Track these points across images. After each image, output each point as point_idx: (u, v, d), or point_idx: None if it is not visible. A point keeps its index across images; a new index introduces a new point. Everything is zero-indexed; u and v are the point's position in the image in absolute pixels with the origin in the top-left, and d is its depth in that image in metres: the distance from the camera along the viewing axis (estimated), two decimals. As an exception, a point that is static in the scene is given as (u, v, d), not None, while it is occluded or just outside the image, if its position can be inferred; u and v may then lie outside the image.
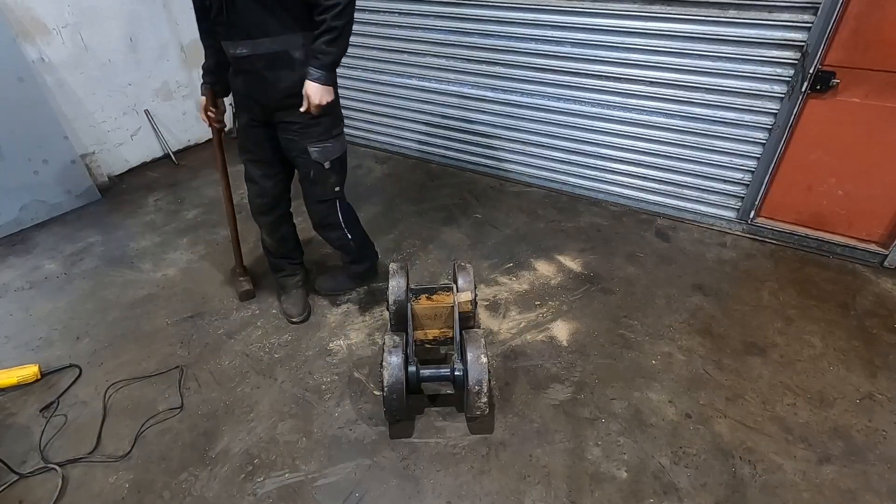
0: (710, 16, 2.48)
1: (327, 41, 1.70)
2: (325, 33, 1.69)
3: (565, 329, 2.31)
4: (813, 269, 2.67)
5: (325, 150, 1.96)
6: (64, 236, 3.00)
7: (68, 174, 3.19)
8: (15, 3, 2.90)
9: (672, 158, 2.95)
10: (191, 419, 1.94)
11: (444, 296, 2.04)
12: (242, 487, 1.71)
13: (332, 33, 1.69)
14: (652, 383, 2.05)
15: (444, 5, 3.16)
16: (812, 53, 2.34)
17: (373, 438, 1.86)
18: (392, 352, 1.76)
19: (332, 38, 1.70)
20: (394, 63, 3.55)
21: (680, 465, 1.75)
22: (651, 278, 2.61)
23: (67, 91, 3.24)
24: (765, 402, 1.97)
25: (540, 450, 1.81)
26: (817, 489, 1.68)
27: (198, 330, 2.34)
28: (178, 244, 2.93)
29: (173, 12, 3.67)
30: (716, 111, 2.70)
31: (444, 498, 1.67)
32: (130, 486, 1.71)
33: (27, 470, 1.75)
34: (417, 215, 3.18)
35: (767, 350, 2.19)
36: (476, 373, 1.70)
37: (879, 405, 1.95)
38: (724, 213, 2.98)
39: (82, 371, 2.13)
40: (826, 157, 2.59)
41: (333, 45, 1.72)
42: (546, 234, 2.98)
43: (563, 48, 2.92)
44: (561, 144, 3.26)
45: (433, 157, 3.84)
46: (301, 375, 2.11)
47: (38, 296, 2.55)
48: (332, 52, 1.73)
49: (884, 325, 2.30)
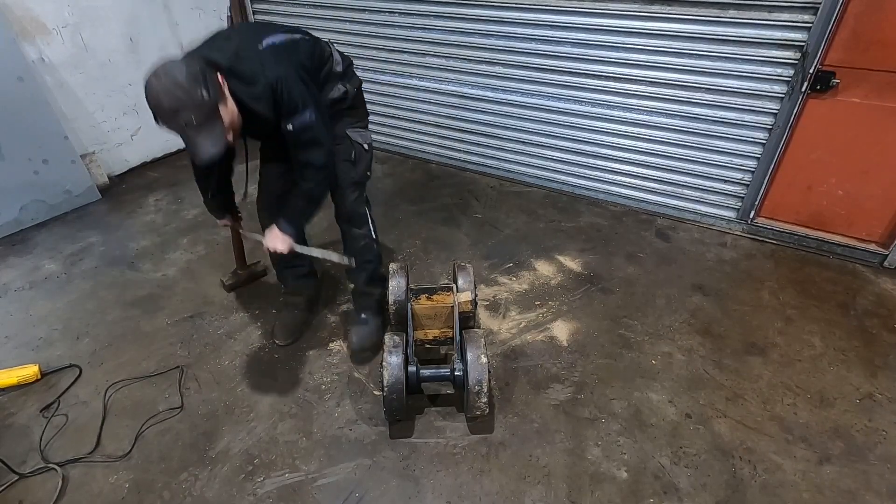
0: (710, 16, 2.48)
1: (303, 208, 1.84)
2: (303, 199, 1.82)
3: (565, 329, 2.31)
4: (813, 269, 2.67)
5: (363, 134, 2.00)
6: (64, 236, 3.00)
7: (68, 174, 3.19)
8: (15, 3, 2.90)
9: (672, 158, 2.95)
10: (191, 419, 1.94)
11: (444, 296, 2.04)
12: (242, 487, 1.71)
13: (310, 202, 1.83)
14: (652, 383, 2.05)
15: (444, 5, 3.16)
16: (812, 53, 2.34)
17: (373, 438, 1.86)
18: (392, 352, 1.76)
19: (309, 208, 1.85)
20: (394, 63, 3.55)
21: (680, 465, 1.75)
22: (651, 278, 2.61)
23: (67, 91, 3.24)
24: (765, 402, 1.97)
25: (540, 450, 1.81)
26: (817, 489, 1.68)
27: (198, 330, 2.34)
28: (178, 244, 2.93)
29: (173, 12, 3.68)
30: (716, 111, 2.70)
31: (444, 498, 1.67)
32: (130, 486, 1.71)
33: (27, 470, 1.75)
34: (417, 215, 3.18)
35: (767, 350, 2.19)
36: (476, 373, 1.70)
37: (879, 405, 1.95)
38: (724, 213, 2.98)
39: (82, 371, 2.13)
40: (826, 156, 2.59)
41: (308, 211, 1.87)
42: (546, 234, 2.98)
43: (563, 48, 2.92)
44: (561, 144, 3.26)
45: (433, 157, 3.84)
46: (301, 375, 2.11)
47: (38, 296, 2.55)
48: (308, 215, 1.88)
49: (884, 325, 2.30)
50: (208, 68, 1.49)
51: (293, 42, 1.73)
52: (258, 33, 1.68)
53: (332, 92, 1.87)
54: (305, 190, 1.80)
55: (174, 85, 1.40)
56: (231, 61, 1.57)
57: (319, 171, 1.78)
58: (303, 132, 1.68)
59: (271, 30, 1.72)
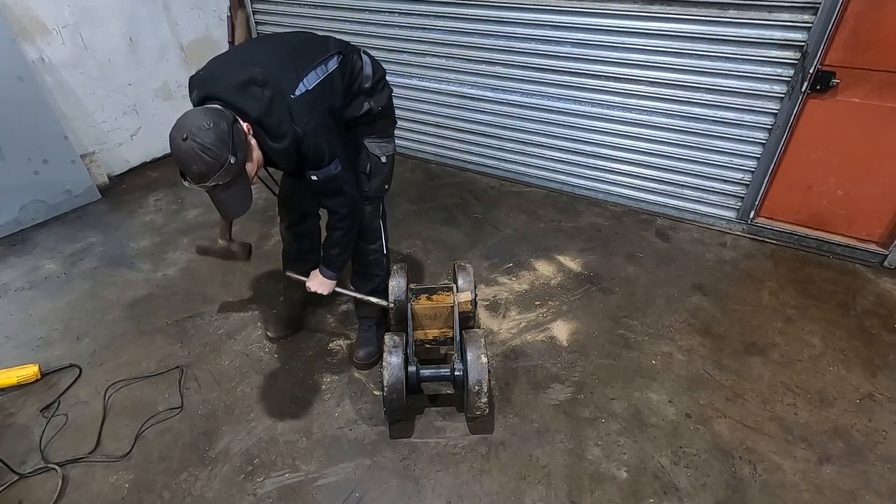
0: (710, 16, 2.48)
1: (339, 254, 1.89)
2: (336, 247, 1.86)
3: (565, 329, 2.31)
4: (813, 269, 2.67)
5: (382, 146, 1.92)
6: (64, 236, 3.00)
7: (68, 174, 3.19)
8: (15, 3, 2.90)
9: (672, 158, 2.95)
10: (191, 419, 1.94)
11: (444, 296, 2.04)
12: (242, 487, 1.71)
13: (342, 248, 1.88)
14: (652, 383, 2.05)
15: (444, 5, 3.16)
16: (812, 53, 2.34)
17: (373, 438, 1.86)
18: (392, 352, 1.76)
19: (344, 254, 1.91)
20: (394, 63, 3.55)
21: (680, 465, 1.75)
22: (651, 278, 2.61)
23: (67, 91, 3.24)
24: (765, 402, 1.97)
25: (540, 450, 1.81)
26: (817, 489, 1.68)
27: (198, 330, 2.34)
28: (178, 244, 2.93)
29: (173, 12, 3.68)
30: (716, 111, 2.70)
31: (444, 498, 1.67)
32: (130, 486, 1.71)
33: (27, 470, 1.75)
34: (417, 215, 3.18)
35: (767, 350, 2.19)
36: (476, 373, 1.70)
37: (879, 405, 1.95)
38: (724, 213, 2.98)
39: (82, 371, 2.13)
40: (826, 156, 2.59)
41: (344, 256, 1.92)
42: (546, 234, 2.98)
43: (563, 48, 2.92)
44: (561, 144, 3.26)
45: (433, 157, 3.84)
46: (301, 375, 2.11)
47: (38, 296, 2.55)
48: (344, 260, 1.94)
49: (884, 325, 2.30)
50: (236, 124, 1.44)
51: (329, 80, 1.64)
52: (296, 68, 1.57)
53: (355, 109, 1.78)
54: (336, 239, 1.84)
55: (202, 149, 1.36)
56: (261, 114, 1.50)
57: (345, 219, 1.79)
58: (326, 182, 1.68)
59: (308, 61, 1.61)
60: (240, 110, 1.49)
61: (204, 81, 1.56)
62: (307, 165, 1.64)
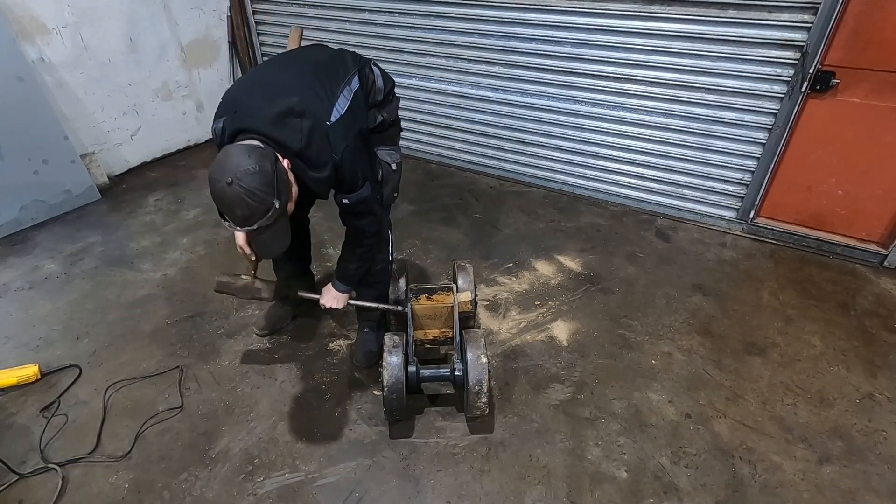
0: (710, 16, 2.48)
1: (356, 269, 1.88)
2: (355, 262, 1.86)
3: (565, 329, 2.31)
4: (813, 269, 2.67)
5: (391, 153, 1.92)
6: (64, 236, 3.00)
7: (68, 174, 3.18)
8: (15, 3, 2.90)
9: (672, 158, 2.95)
10: (191, 419, 1.94)
11: (444, 296, 2.04)
12: (242, 487, 1.71)
13: (360, 263, 1.87)
14: (652, 383, 2.05)
15: (444, 5, 3.16)
16: (812, 53, 2.34)
17: (373, 438, 1.86)
18: (392, 352, 1.76)
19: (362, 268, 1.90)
20: (394, 63, 3.55)
21: (680, 465, 1.75)
22: (651, 278, 2.61)
23: (67, 91, 3.23)
24: (765, 402, 1.97)
25: (540, 450, 1.81)
26: (817, 489, 1.68)
27: (198, 330, 2.34)
28: (178, 244, 2.93)
29: (173, 12, 3.67)
30: (716, 111, 2.70)
31: (444, 498, 1.67)
32: (130, 486, 1.71)
33: (27, 470, 1.75)
34: (417, 215, 3.18)
35: (767, 350, 2.19)
36: (476, 373, 1.70)
37: (879, 405, 1.95)
38: (724, 213, 2.98)
39: (82, 371, 2.13)
40: (826, 157, 2.59)
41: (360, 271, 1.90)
42: (546, 234, 2.98)
43: (563, 48, 2.92)
44: (561, 144, 3.26)
45: (433, 157, 3.84)
46: (301, 375, 2.11)
47: (38, 296, 2.55)
48: (360, 275, 1.92)
49: (884, 325, 2.30)
50: (278, 163, 1.40)
51: (356, 101, 1.64)
52: (326, 93, 1.54)
53: (369, 122, 1.78)
54: (358, 254, 1.84)
55: (247, 195, 1.33)
56: (302, 146, 1.46)
57: (371, 237, 1.81)
58: (357, 205, 1.68)
59: (334, 82, 1.59)
60: (280, 144, 1.44)
61: (234, 112, 1.50)
62: (340, 190, 1.64)
